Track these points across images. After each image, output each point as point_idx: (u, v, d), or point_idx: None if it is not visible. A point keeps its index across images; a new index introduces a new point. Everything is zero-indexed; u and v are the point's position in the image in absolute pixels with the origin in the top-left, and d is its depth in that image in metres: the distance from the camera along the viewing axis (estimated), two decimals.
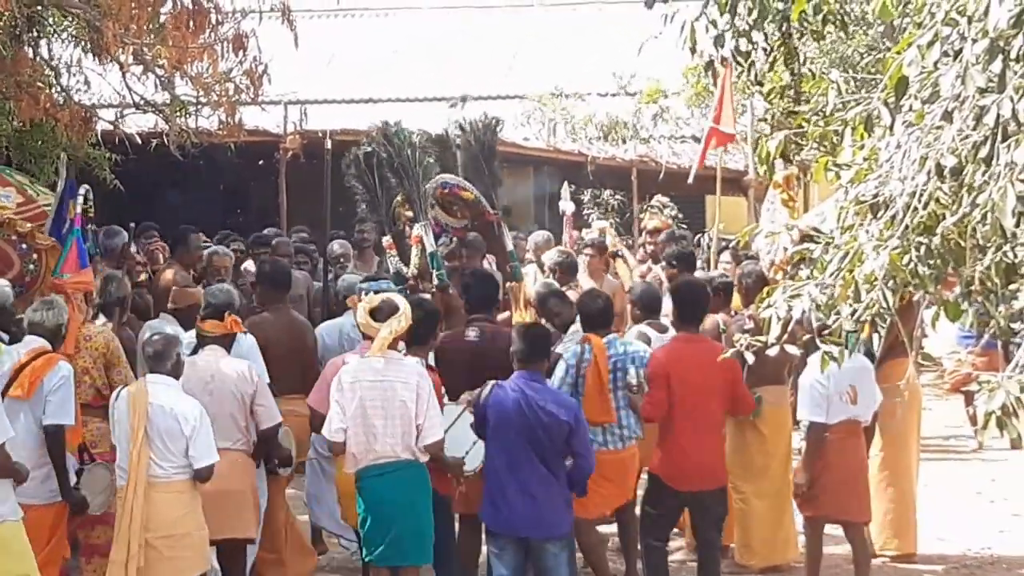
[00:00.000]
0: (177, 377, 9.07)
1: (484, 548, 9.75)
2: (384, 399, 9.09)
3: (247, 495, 9.71)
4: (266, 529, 10.25)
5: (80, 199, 10.63)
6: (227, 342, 9.85)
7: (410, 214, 13.60)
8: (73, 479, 9.38)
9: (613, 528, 10.86)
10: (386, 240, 13.92)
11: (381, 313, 9.33)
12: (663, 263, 13.49)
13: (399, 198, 13.62)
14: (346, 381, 9.18)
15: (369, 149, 13.56)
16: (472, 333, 10.29)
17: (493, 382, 9.14)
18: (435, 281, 12.55)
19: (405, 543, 9.17)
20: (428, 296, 11.56)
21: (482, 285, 10.68)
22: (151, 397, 8.86)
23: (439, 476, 9.42)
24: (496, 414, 9.00)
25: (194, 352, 9.80)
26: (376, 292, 9.96)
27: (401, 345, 9.45)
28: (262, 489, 10.06)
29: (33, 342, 9.36)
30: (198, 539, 8.98)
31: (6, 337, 9.81)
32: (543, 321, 10.68)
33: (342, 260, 13.84)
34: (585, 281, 13.33)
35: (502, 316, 13.72)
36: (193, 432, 8.80)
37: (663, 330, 10.83)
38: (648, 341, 10.69)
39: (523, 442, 8.91)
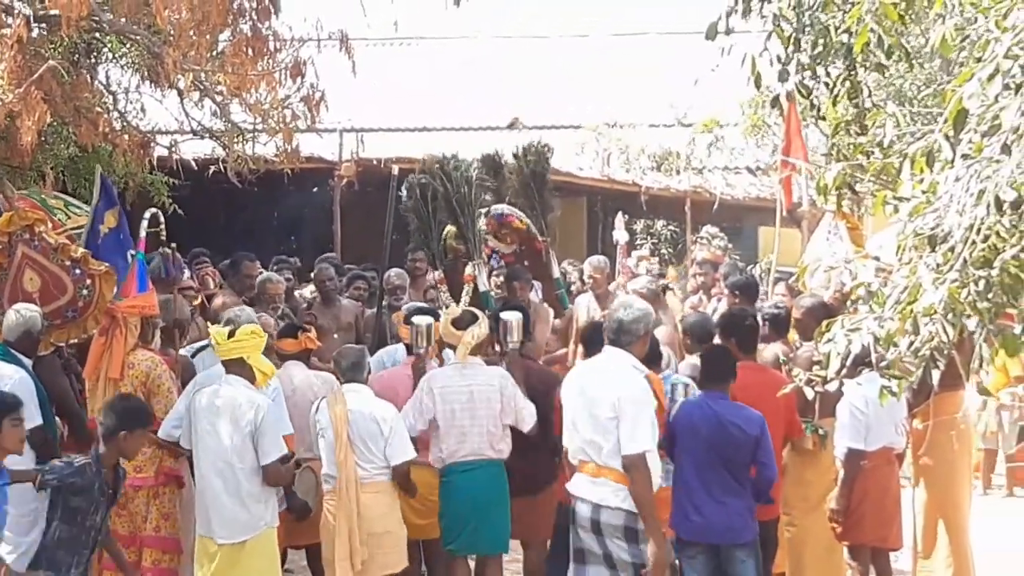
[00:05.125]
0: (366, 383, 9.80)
1: None
2: (471, 402, 9.85)
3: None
4: None
5: (145, 223, 10.71)
6: (304, 357, 10.52)
7: (463, 249, 13.59)
8: None
9: None
10: (437, 275, 13.92)
11: (462, 322, 10.14)
12: (726, 292, 13.42)
13: (450, 231, 13.61)
14: (435, 386, 9.90)
15: (424, 181, 13.57)
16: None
17: (683, 399, 9.64)
18: None
19: (487, 533, 9.93)
20: None
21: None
22: (350, 404, 9.51)
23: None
24: (686, 430, 9.29)
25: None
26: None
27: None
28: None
29: None
30: (398, 537, 9.62)
31: (28, 362, 9.92)
32: None
33: (398, 292, 13.77)
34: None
35: (561, 352, 13.75)
36: (390, 432, 9.47)
37: None
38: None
39: (713, 455, 9.13)
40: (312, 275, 14.84)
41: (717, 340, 10.48)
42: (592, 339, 10.32)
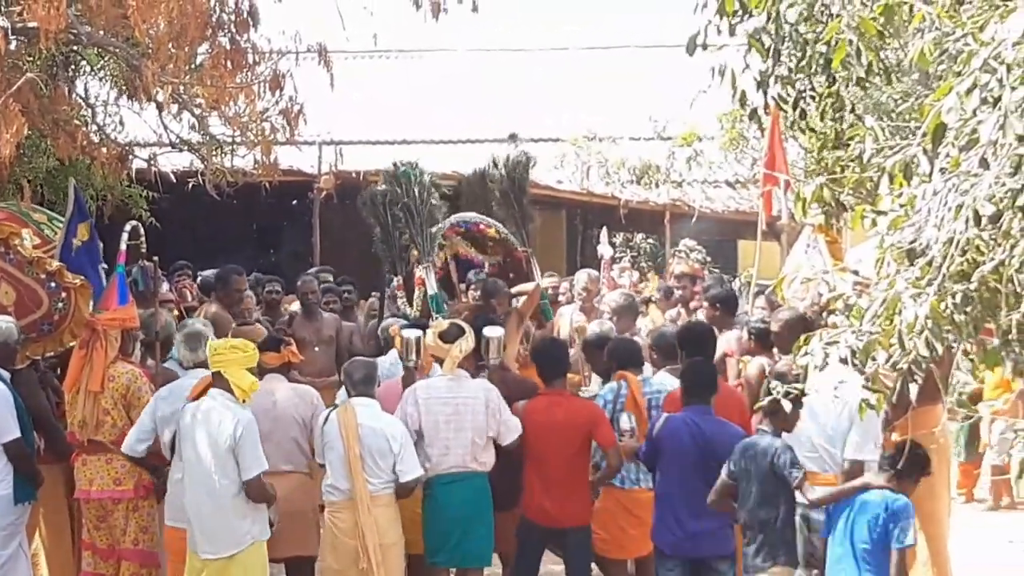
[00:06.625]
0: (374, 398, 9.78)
1: None
2: (456, 414, 9.85)
3: (309, 515, 10.25)
4: None
5: (126, 235, 10.71)
6: (285, 371, 10.41)
7: (416, 254, 13.59)
8: None
9: None
10: (396, 281, 13.92)
11: (450, 335, 10.14)
12: (705, 304, 13.43)
13: (407, 238, 13.62)
14: (420, 398, 9.93)
15: (382, 188, 13.59)
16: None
17: (667, 415, 9.61)
18: None
19: (471, 546, 9.91)
20: None
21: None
22: (360, 418, 9.51)
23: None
24: (671, 444, 9.38)
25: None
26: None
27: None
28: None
29: (200, 373, 9.70)
30: (400, 548, 9.70)
31: (6, 374, 9.88)
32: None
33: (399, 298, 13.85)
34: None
35: None
36: (401, 449, 9.48)
37: None
38: None
39: (698, 471, 9.24)
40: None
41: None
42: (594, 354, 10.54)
